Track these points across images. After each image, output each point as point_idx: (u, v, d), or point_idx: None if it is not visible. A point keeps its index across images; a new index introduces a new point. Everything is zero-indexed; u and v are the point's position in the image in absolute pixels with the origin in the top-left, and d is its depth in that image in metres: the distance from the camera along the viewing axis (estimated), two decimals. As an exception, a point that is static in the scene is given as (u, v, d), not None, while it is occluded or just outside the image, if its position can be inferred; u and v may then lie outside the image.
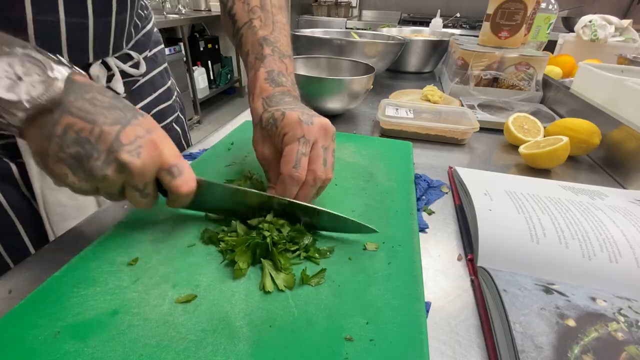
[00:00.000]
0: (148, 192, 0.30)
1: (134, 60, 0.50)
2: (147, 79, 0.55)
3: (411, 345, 0.25)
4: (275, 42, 0.43)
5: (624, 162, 0.53)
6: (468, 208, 0.39)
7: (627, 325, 0.24)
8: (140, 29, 0.52)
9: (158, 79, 0.57)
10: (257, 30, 0.43)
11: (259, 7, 0.45)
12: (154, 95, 0.56)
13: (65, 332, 0.24)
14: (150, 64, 0.55)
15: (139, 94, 0.53)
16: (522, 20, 0.84)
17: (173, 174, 0.30)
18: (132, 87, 0.52)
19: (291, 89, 0.40)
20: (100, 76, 0.45)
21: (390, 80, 1.03)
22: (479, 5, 2.66)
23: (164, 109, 0.59)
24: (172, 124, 0.62)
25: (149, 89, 0.55)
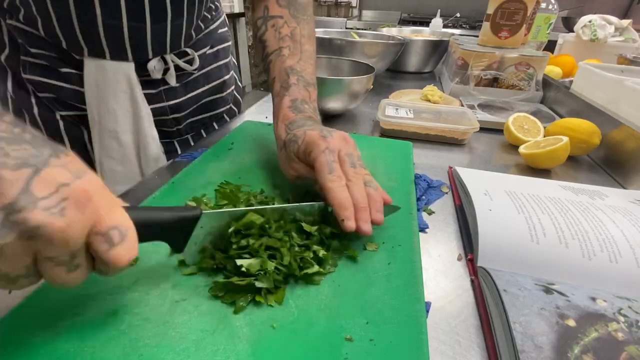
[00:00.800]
0: (79, 264, 0.21)
1: (189, 57, 0.55)
2: (203, 72, 0.59)
3: (411, 345, 0.25)
4: (301, 71, 0.46)
5: (624, 162, 0.53)
6: (468, 208, 0.39)
7: (627, 325, 0.24)
8: (203, 29, 0.57)
9: (215, 72, 0.62)
10: (285, 59, 0.46)
11: (289, 36, 0.48)
12: (206, 87, 0.60)
13: (65, 332, 0.24)
14: (210, 58, 0.60)
15: (191, 85, 0.58)
16: (522, 20, 0.84)
17: (112, 240, 0.21)
18: (186, 79, 0.57)
19: (312, 115, 0.43)
20: (157, 69, 0.51)
21: (390, 80, 1.03)
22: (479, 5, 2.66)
23: (216, 100, 0.64)
24: (223, 114, 0.68)
25: (202, 81, 0.60)
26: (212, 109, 0.64)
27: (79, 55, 0.48)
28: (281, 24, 0.49)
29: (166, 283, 0.29)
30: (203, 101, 0.61)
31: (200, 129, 0.64)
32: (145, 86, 0.52)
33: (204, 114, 0.63)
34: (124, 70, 0.49)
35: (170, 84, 0.54)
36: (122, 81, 0.49)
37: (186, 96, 0.57)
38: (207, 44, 0.59)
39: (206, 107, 0.63)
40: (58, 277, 0.20)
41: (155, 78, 0.52)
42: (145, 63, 0.50)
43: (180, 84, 0.56)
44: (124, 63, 0.49)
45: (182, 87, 0.57)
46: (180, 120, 0.59)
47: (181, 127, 0.60)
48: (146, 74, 0.52)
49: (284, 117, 0.42)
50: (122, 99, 0.50)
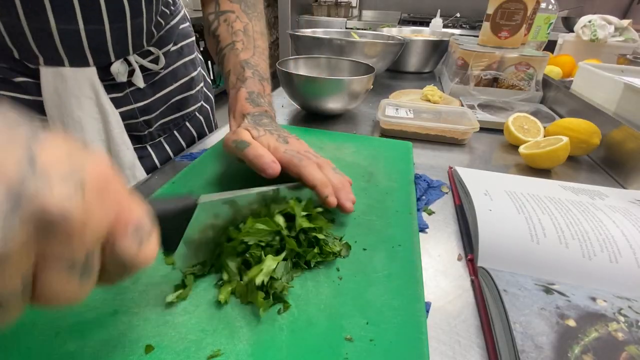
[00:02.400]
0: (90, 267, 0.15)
1: (154, 56, 0.53)
2: (169, 70, 0.57)
3: (411, 345, 0.25)
4: (256, 65, 0.47)
5: (624, 162, 0.53)
6: (468, 208, 0.39)
7: (627, 325, 0.24)
8: (163, 26, 0.55)
9: (181, 70, 0.60)
10: (239, 52, 0.48)
11: (242, 31, 0.50)
12: (174, 85, 0.59)
13: (65, 332, 0.24)
14: (174, 56, 0.58)
15: (159, 85, 0.56)
16: (522, 20, 0.84)
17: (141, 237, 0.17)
18: (153, 79, 0.55)
19: (268, 109, 0.45)
20: (121, 72, 0.49)
21: (390, 80, 1.03)
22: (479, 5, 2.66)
23: (186, 98, 0.61)
24: (195, 112, 0.65)
25: (169, 80, 0.58)
26: (182, 108, 0.62)
27: (34, 65, 0.44)
28: (233, 19, 0.51)
29: (166, 283, 0.29)
30: (172, 100, 0.59)
31: (173, 130, 0.62)
32: (110, 90, 0.49)
33: (175, 114, 0.61)
34: (86, 76, 0.46)
35: (138, 86, 0.52)
36: (85, 87, 0.46)
37: (154, 96, 0.55)
38: (170, 41, 0.57)
39: (176, 107, 0.60)
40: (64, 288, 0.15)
41: (120, 81, 0.50)
42: (107, 66, 0.48)
43: (147, 84, 0.54)
44: (86, 69, 0.46)
45: (149, 88, 0.54)
46: (150, 123, 0.56)
47: (152, 130, 0.57)
48: (110, 77, 0.49)
49: (241, 108, 0.43)
50: (87, 106, 0.47)
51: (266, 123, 0.42)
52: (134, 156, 0.53)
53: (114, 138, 0.50)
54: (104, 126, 0.50)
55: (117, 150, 0.51)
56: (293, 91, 0.65)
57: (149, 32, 0.50)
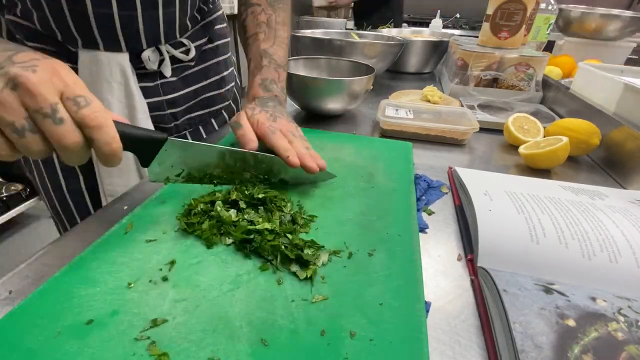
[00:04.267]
0: (62, 118, 0.26)
1: (185, 47, 0.55)
2: (201, 67, 0.60)
3: (411, 345, 0.25)
4: (273, 54, 0.52)
5: (624, 162, 0.53)
6: (468, 208, 0.39)
7: (627, 325, 0.24)
8: (199, 21, 0.57)
9: (214, 68, 0.62)
10: (260, 42, 0.53)
11: (265, 22, 0.55)
12: (203, 83, 0.61)
13: (65, 332, 0.24)
14: (209, 53, 0.61)
15: (189, 80, 0.58)
16: (521, 20, 0.84)
17: (78, 103, 0.27)
18: (183, 73, 0.57)
19: (279, 94, 0.50)
20: (151, 60, 0.51)
21: (390, 81, 1.03)
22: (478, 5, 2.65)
23: (214, 96, 0.64)
24: (222, 110, 0.68)
25: (199, 77, 0.60)
26: (210, 105, 0.63)
27: (74, 47, 0.47)
28: (259, 11, 0.56)
29: (166, 283, 0.29)
30: (201, 97, 0.61)
31: (199, 126, 0.63)
32: (142, 79, 0.52)
33: (203, 110, 0.62)
34: (118, 61, 0.48)
35: (167, 76, 0.54)
36: (116, 72, 0.49)
37: (184, 90, 0.57)
38: (204, 36, 0.59)
39: (205, 103, 0.62)
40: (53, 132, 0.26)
41: (150, 69, 0.52)
42: (140, 54, 0.50)
43: (178, 77, 0.56)
44: (118, 54, 0.48)
45: (179, 81, 0.57)
46: (177, 116, 0.58)
47: (179, 123, 0.59)
48: (142, 65, 0.51)
49: (254, 93, 0.49)
50: (116, 90, 0.50)
51: (270, 105, 0.47)
52: None
53: (138, 123, 0.52)
54: (129, 111, 0.52)
55: None
56: (293, 92, 0.65)
57: (182, 24, 0.53)
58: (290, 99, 0.68)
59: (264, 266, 0.31)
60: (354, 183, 0.45)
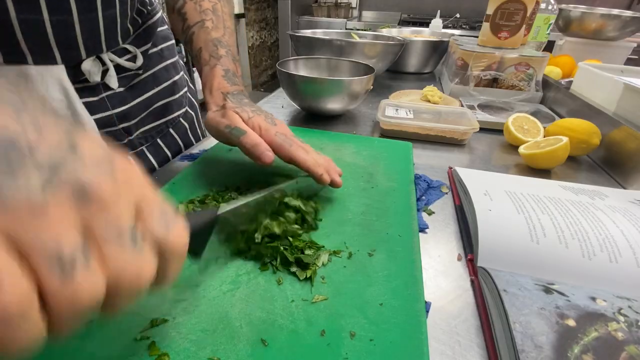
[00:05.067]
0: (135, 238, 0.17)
1: (131, 54, 0.50)
2: (150, 73, 0.54)
3: (411, 345, 0.25)
4: (228, 45, 0.47)
5: (624, 162, 0.53)
6: (468, 208, 0.39)
7: (627, 325, 0.24)
8: (140, 24, 0.52)
9: (163, 74, 0.56)
10: (210, 30, 0.47)
11: (211, 10, 0.49)
12: (156, 90, 0.55)
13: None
14: (155, 58, 0.55)
15: (139, 89, 0.52)
16: (521, 20, 0.84)
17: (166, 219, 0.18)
18: (131, 82, 0.51)
19: (243, 89, 0.45)
20: (93, 72, 0.44)
21: (390, 81, 1.03)
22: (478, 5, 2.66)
23: (169, 103, 0.58)
24: (179, 119, 0.61)
25: (151, 84, 0.54)
26: (165, 114, 0.57)
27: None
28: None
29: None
30: (155, 106, 0.55)
31: (156, 138, 0.56)
32: (82, 94, 0.44)
33: (158, 121, 0.56)
34: (55, 76, 0.40)
35: (113, 88, 0.47)
36: (54, 88, 0.41)
37: (134, 101, 0.51)
38: (148, 41, 0.53)
39: (159, 113, 0.56)
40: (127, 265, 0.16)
41: (93, 82, 0.45)
42: (77, 65, 0.43)
43: (126, 87, 0.50)
44: (53, 67, 0.40)
45: (128, 92, 0.50)
46: (130, 130, 0.51)
47: (132, 138, 0.52)
48: (82, 78, 0.44)
49: (219, 85, 0.43)
50: (57, 110, 0.42)
51: (247, 103, 0.43)
52: None
53: None
54: None
55: None
56: (293, 92, 0.65)
57: (123, 28, 0.47)
58: (290, 99, 0.68)
59: (263, 267, 0.31)
60: (354, 183, 0.45)
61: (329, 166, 0.39)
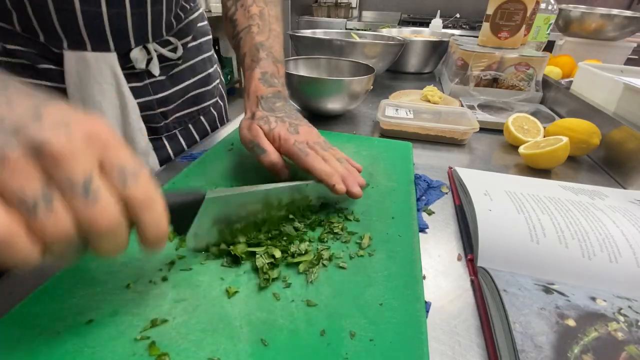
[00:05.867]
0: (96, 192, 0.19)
1: (172, 45, 0.55)
2: (189, 64, 0.60)
3: (411, 345, 0.25)
4: (270, 47, 0.49)
5: (624, 162, 0.53)
6: (468, 208, 0.39)
7: (627, 325, 0.24)
8: (183, 19, 0.57)
9: (199, 66, 0.62)
10: (255, 35, 0.50)
11: (258, 15, 0.52)
12: (192, 80, 0.61)
13: (65, 332, 0.24)
14: (193, 51, 0.61)
15: (177, 78, 0.58)
16: (521, 20, 0.84)
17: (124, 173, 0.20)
18: (171, 71, 0.57)
19: (281, 90, 0.46)
20: (139, 59, 0.50)
21: (390, 81, 1.03)
22: (478, 5, 2.66)
23: (202, 93, 0.64)
24: (210, 107, 0.67)
25: (188, 74, 0.60)
26: (198, 103, 0.64)
27: (59, 49, 0.45)
28: (250, 3, 0.53)
29: (166, 283, 0.29)
30: (190, 94, 0.61)
31: (188, 124, 0.63)
32: (130, 79, 0.51)
33: (191, 108, 0.63)
34: (107, 62, 0.47)
35: (155, 75, 0.54)
36: (107, 73, 0.48)
37: (173, 89, 0.57)
38: (188, 34, 0.59)
39: (193, 101, 0.62)
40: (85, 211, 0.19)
41: (139, 68, 0.51)
42: (127, 53, 0.49)
43: (166, 76, 0.56)
44: (107, 54, 0.47)
45: (168, 80, 0.56)
46: (167, 115, 0.58)
47: (168, 122, 0.59)
48: (129, 65, 0.50)
49: (255, 89, 0.45)
50: (108, 92, 0.49)
51: (279, 107, 0.44)
52: (147, 144, 0.55)
53: (130, 124, 0.52)
54: (122, 112, 0.51)
55: (132, 137, 0.53)
56: (293, 92, 0.65)
57: (168, 21, 0.52)
58: (290, 99, 0.68)
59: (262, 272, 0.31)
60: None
61: (348, 176, 0.38)
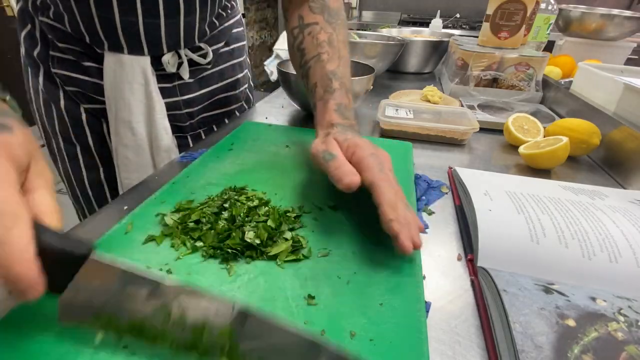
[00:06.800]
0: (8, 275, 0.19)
1: (203, 51, 0.58)
2: (217, 69, 0.63)
3: (411, 345, 0.25)
4: (342, 77, 0.46)
5: (624, 162, 0.53)
6: (468, 208, 0.39)
7: (627, 325, 0.24)
8: (217, 26, 0.60)
9: (229, 70, 0.65)
10: (325, 64, 0.46)
11: (327, 42, 0.49)
12: (219, 84, 0.64)
13: (65, 332, 0.24)
14: (225, 56, 0.64)
15: (206, 81, 0.62)
16: (521, 20, 0.84)
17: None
18: (200, 75, 0.60)
19: (354, 124, 0.43)
20: (170, 64, 0.55)
21: (390, 81, 1.03)
22: (478, 5, 2.66)
23: (229, 96, 0.67)
24: (235, 111, 0.71)
25: (216, 79, 0.63)
26: (224, 106, 0.67)
27: (101, 50, 0.51)
28: (318, 30, 0.49)
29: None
30: (216, 97, 0.64)
31: (212, 125, 0.67)
32: (161, 80, 0.56)
33: (217, 110, 0.66)
34: (141, 64, 0.52)
35: (184, 78, 0.58)
36: (138, 74, 0.52)
37: (200, 91, 0.61)
38: (221, 40, 0.61)
39: (219, 104, 0.65)
40: None
41: (169, 72, 0.55)
42: (160, 57, 0.54)
43: (195, 79, 0.59)
44: (141, 57, 0.52)
45: (196, 83, 0.60)
46: (193, 115, 0.62)
47: (194, 122, 0.63)
48: (162, 67, 0.55)
49: (330, 119, 0.41)
50: (137, 91, 0.53)
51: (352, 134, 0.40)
52: (171, 141, 0.59)
53: (155, 122, 0.56)
54: (148, 110, 0.55)
55: (156, 134, 0.57)
56: (293, 92, 0.65)
57: (201, 30, 0.55)
58: (291, 99, 0.68)
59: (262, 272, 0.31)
60: (354, 183, 0.45)
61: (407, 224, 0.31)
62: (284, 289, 0.29)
